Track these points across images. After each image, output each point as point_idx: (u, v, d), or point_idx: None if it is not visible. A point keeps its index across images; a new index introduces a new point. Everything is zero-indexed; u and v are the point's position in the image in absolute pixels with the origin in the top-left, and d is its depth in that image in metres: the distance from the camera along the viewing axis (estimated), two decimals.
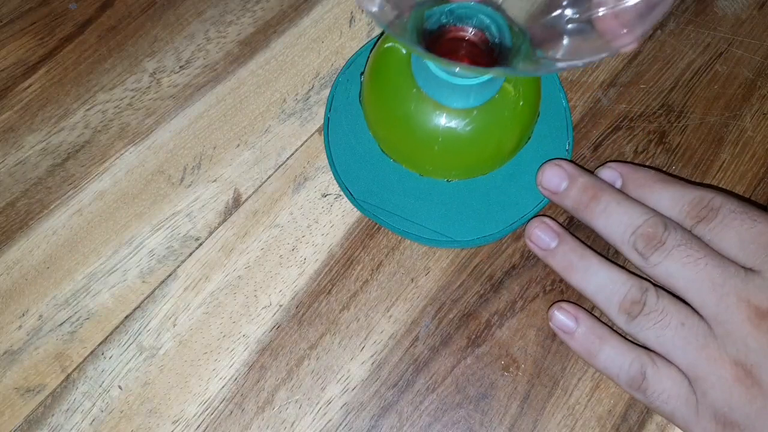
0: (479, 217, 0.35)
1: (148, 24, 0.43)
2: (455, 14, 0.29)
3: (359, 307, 0.35)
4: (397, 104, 0.33)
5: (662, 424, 0.32)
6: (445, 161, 0.34)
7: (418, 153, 0.34)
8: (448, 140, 0.32)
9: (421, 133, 0.33)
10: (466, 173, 0.35)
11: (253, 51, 0.42)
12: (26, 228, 0.37)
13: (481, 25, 0.30)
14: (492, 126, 0.33)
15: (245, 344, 0.34)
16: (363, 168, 0.36)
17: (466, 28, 0.30)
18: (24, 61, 0.42)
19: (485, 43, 0.30)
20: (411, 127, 0.33)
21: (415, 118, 0.32)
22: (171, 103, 0.40)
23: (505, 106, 0.32)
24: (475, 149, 0.33)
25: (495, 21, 0.29)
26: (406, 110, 0.33)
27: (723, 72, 0.40)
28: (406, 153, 0.35)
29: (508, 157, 0.35)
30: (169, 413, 0.33)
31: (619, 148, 0.38)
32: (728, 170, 0.37)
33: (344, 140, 0.37)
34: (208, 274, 0.36)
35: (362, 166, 0.36)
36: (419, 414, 0.33)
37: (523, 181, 0.36)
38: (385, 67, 0.34)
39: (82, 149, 0.39)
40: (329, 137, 0.37)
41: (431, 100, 0.31)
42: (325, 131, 0.37)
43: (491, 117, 0.32)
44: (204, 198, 0.38)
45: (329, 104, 0.38)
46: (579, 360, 0.33)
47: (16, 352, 0.34)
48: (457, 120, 0.32)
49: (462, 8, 0.29)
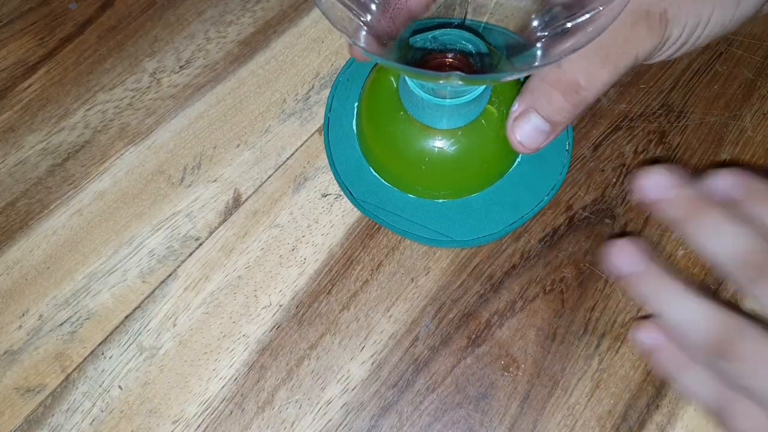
0: (479, 217, 0.35)
1: (148, 24, 0.43)
2: (439, 40, 0.31)
3: (359, 307, 0.35)
4: (385, 127, 0.34)
5: (662, 424, 0.32)
6: (433, 181, 0.35)
7: (408, 174, 0.35)
8: (435, 160, 0.33)
9: (409, 153, 0.33)
10: (454, 193, 0.35)
11: (253, 51, 0.42)
12: (26, 228, 0.37)
13: (464, 50, 0.31)
14: (477, 146, 0.33)
15: (245, 344, 0.34)
16: (363, 169, 0.36)
17: (448, 53, 0.31)
18: (24, 61, 0.42)
19: (468, 66, 0.31)
20: (399, 148, 0.34)
21: (402, 139, 0.33)
22: (171, 103, 0.40)
23: (489, 127, 0.33)
24: (461, 168, 0.34)
25: (476, 45, 0.30)
26: (394, 132, 0.33)
27: (723, 72, 0.40)
28: (396, 175, 0.35)
29: (497, 176, 0.35)
30: (169, 413, 0.33)
31: (619, 148, 0.38)
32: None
33: (344, 141, 0.37)
34: (208, 274, 0.36)
35: (362, 167, 0.36)
36: (419, 414, 0.33)
37: (524, 182, 0.36)
38: (376, 96, 0.35)
39: (82, 149, 0.39)
40: (329, 137, 0.37)
41: (417, 122, 0.32)
42: (325, 131, 0.37)
43: (476, 137, 0.33)
44: (204, 198, 0.38)
45: (329, 104, 0.38)
46: (579, 360, 0.33)
47: (16, 352, 0.34)
48: (442, 140, 0.32)
49: (445, 35, 0.30)
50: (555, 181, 0.35)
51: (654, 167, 0.29)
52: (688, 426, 0.32)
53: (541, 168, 0.35)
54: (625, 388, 0.33)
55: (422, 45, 0.31)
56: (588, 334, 0.34)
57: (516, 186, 0.35)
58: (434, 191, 0.35)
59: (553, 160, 0.36)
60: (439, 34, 0.30)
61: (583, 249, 0.35)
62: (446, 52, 0.31)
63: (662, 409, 0.32)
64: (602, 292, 0.34)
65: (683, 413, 0.32)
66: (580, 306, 0.34)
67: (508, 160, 0.35)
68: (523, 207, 0.35)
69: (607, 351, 0.33)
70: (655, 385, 0.32)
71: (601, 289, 0.35)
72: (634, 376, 0.33)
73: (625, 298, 0.34)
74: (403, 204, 0.35)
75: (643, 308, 0.34)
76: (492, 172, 0.35)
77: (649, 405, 0.32)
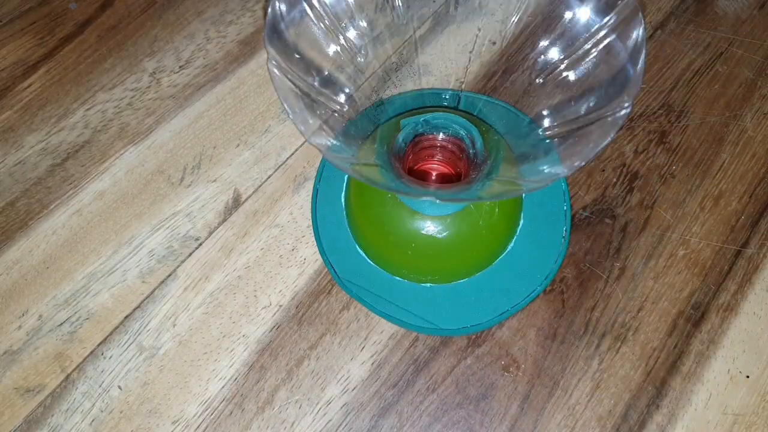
0: (467, 305, 0.33)
1: (148, 24, 0.43)
2: (431, 124, 0.29)
3: (359, 306, 0.35)
4: (374, 208, 0.32)
5: (662, 424, 0.32)
6: (420, 265, 0.33)
7: (394, 256, 0.33)
8: (423, 244, 0.32)
9: (396, 236, 0.32)
10: (442, 278, 0.34)
11: (253, 51, 0.42)
12: (26, 228, 0.37)
13: (456, 134, 0.30)
14: (466, 233, 0.32)
15: (245, 344, 0.34)
16: (349, 246, 0.35)
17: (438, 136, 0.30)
18: (24, 61, 0.42)
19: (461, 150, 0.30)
20: (386, 230, 0.32)
21: (389, 222, 0.32)
22: (171, 102, 0.40)
23: (479, 213, 0.31)
24: (450, 254, 0.32)
25: (468, 131, 0.29)
26: (381, 214, 0.32)
27: (723, 72, 0.40)
28: (383, 256, 0.34)
29: (487, 262, 0.34)
30: (169, 413, 0.33)
31: (620, 147, 0.38)
32: (728, 170, 0.37)
33: (332, 215, 0.35)
34: (208, 274, 0.36)
35: (348, 245, 0.35)
36: (419, 414, 0.33)
37: (517, 268, 0.34)
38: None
39: (82, 149, 0.39)
40: (316, 210, 0.35)
41: (407, 208, 0.31)
42: (312, 203, 0.36)
43: (465, 224, 0.31)
44: (204, 198, 0.38)
45: (319, 174, 0.36)
46: (579, 360, 0.33)
47: (16, 352, 0.34)
48: (431, 225, 0.31)
49: (437, 118, 0.29)
50: (549, 270, 0.33)
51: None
52: (689, 426, 0.32)
53: (535, 253, 0.34)
54: (625, 388, 0.32)
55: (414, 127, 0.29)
56: (588, 334, 0.34)
57: (508, 271, 0.34)
58: (421, 275, 0.33)
59: (549, 246, 0.34)
60: (431, 117, 0.29)
61: (583, 249, 0.35)
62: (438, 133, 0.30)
63: (662, 409, 0.32)
64: (602, 292, 0.34)
65: (683, 413, 0.32)
66: (580, 306, 0.34)
67: (499, 246, 0.34)
68: (515, 295, 0.33)
69: (608, 351, 0.33)
70: (655, 385, 0.32)
71: (601, 289, 0.35)
72: (635, 376, 0.33)
73: (625, 297, 0.34)
74: (389, 286, 0.34)
75: (643, 308, 0.34)
76: (482, 257, 0.33)
77: (650, 405, 0.32)
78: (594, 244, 0.35)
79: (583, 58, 0.26)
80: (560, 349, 0.34)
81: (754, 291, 0.34)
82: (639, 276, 0.35)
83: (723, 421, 0.32)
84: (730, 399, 0.32)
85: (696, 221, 0.36)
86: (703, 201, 0.37)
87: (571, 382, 0.33)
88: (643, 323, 0.34)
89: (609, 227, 0.36)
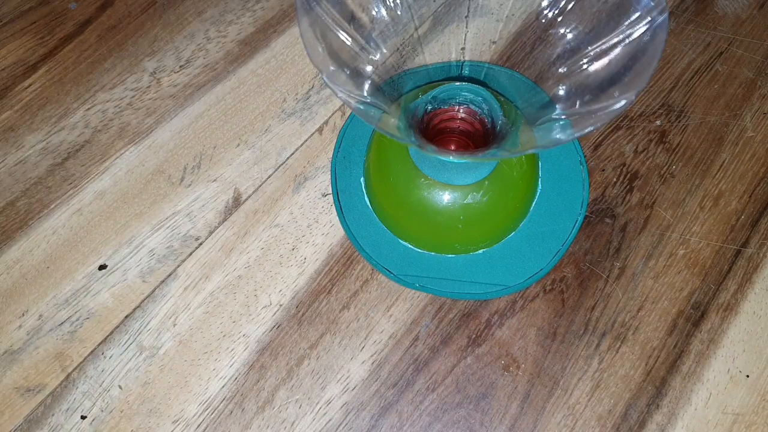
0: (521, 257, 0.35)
1: (148, 23, 0.43)
2: (438, 99, 0.30)
3: (359, 306, 0.35)
4: (408, 197, 0.33)
5: (662, 424, 0.32)
6: (471, 236, 0.34)
7: (444, 236, 0.34)
8: (471, 215, 0.32)
9: (442, 217, 0.32)
10: (493, 240, 0.35)
11: (254, 50, 0.42)
12: (26, 227, 0.37)
13: (467, 102, 0.30)
14: (505, 189, 0.33)
15: (245, 344, 0.34)
16: (392, 243, 0.35)
17: (454, 107, 0.30)
18: (24, 61, 0.42)
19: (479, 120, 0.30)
20: (429, 216, 0.32)
21: (431, 205, 0.32)
22: (171, 102, 0.40)
23: (512, 168, 0.32)
24: (496, 216, 0.33)
25: (479, 94, 0.29)
26: (418, 199, 0.32)
27: (723, 71, 0.40)
28: (432, 240, 0.34)
29: (526, 212, 0.35)
30: (169, 413, 0.33)
31: (619, 147, 0.38)
32: (728, 170, 0.37)
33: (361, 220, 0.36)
34: (208, 273, 0.36)
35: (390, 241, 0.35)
36: (419, 414, 0.33)
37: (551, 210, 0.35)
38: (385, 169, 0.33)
39: (82, 149, 0.39)
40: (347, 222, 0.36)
41: (443, 185, 0.31)
42: (340, 217, 0.36)
43: (502, 182, 0.32)
44: (204, 198, 0.38)
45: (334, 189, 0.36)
46: (579, 359, 0.33)
47: (16, 352, 0.34)
48: (473, 194, 0.32)
49: (443, 92, 0.29)
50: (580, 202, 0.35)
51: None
52: (688, 425, 0.32)
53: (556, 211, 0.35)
54: (625, 388, 0.32)
55: (423, 107, 0.29)
56: (588, 333, 0.34)
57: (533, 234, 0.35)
58: (473, 245, 0.34)
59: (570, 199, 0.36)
60: (437, 92, 0.29)
61: (583, 249, 0.35)
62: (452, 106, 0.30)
63: (662, 409, 0.32)
64: (602, 291, 0.34)
65: (683, 413, 0.32)
66: (580, 306, 0.34)
67: (533, 196, 0.36)
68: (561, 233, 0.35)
69: (608, 351, 0.33)
70: (655, 384, 0.32)
71: (601, 288, 0.35)
72: (635, 376, 0.33)
73: (625, 297, 0.34)
74: (445, 266, 0.34)
75: (643, 308, 0.34)
76: (524, 208, 0.35)
77: (650, 405, 0.32)
78: (594, 244, 0.35)
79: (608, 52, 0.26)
80: (560, 348, 0.34)
81: (753, 291, 0.34)
82: (639, 276, 0.35)
83: (723, 420, 0.32)
84: (730, 398, 0.32)
85: (696, 221, 0.36)
86: (703, 201, 0.37)
87: (571, 381, 0.33)
88: (643, 323, 0.34)
89: (609, 227, 0.36)
